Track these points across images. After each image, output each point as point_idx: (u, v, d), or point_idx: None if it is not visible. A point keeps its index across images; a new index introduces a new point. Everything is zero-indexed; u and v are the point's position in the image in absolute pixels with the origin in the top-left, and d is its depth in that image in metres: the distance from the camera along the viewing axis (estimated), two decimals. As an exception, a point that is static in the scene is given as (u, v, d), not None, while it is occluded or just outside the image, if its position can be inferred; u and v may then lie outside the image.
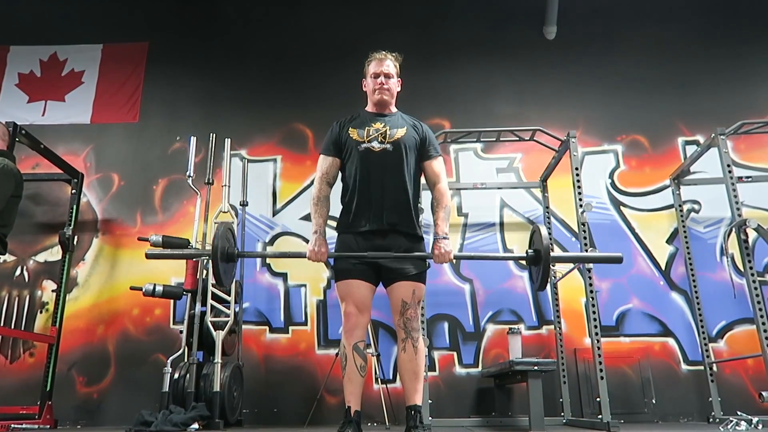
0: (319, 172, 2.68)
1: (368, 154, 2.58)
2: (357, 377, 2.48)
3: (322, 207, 2.62)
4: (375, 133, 2.62)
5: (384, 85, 2.68)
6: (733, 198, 3.88)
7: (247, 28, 5.81)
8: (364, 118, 2.71)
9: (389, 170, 2.58)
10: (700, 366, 4.44)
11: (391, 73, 2.72)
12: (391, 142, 2.59)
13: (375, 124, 2.65)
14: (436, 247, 2.49)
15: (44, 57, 5.78)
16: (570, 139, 4.13)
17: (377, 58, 2.74)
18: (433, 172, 2.66)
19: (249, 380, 4.39)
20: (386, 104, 2.73)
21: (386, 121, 2.68)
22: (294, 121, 5.39)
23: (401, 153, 2.59)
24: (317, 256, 2.52)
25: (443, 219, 2.56)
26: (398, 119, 2.71)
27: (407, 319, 2.51)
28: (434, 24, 5.75)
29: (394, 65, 2.75)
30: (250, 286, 4.82)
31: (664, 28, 5.56)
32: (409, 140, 2.63)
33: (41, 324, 4.82)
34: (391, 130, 2.63)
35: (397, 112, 2.77)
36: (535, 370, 3.63)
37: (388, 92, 2.70)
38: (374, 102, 2.72)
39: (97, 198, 5.21)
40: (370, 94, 2.74)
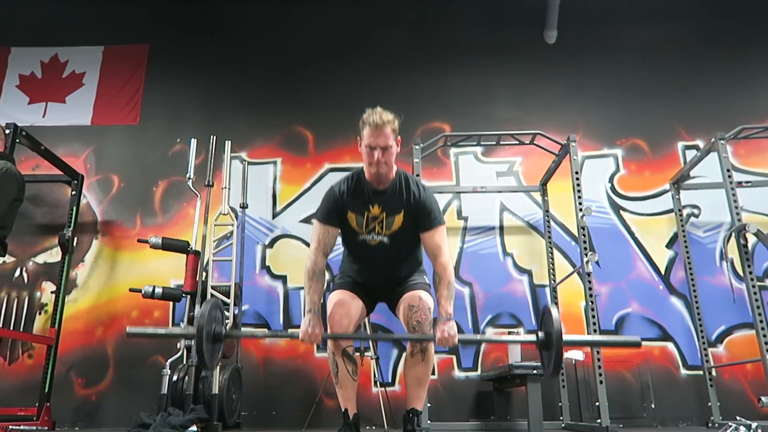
0: (315, 242, 2.49)
1: (365, 245, 2.51)
2: (350, 382, 2.44)
3: (317, 282, 2.44)
4: (373, 222, 2.48)
5: (381, 160, 2.39)
6: (733, 203, 3.89)
7: (247, 31, 5.82)
8: (363, 192, 2.50)
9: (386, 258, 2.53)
10: (700, 371, 4.44)
11: (388, 145, 2.40)
12: (389, 234, 2.48)
13: (373, 209, 2.47)
14: (439, 330, 2.30)
15: (45, 58, 5.79)
16: (570, 143, 4.13)
17: (372, 125, 2.38)
18: (434, 244, 2.46)
19: (248, 383, 4.38)
20: (383, 177, 2.46)
21: (384, 202, 2.48)
22: (294, 124, 5.40)
23: (397, 243, 2.50)
24: (311, 338, 2.33)
25: (446, 298, 2.36)
26: (396, 196, 2.48)
27: (417, 322, 2.40)
28: (435, 27, 5.76)
29: (392, 131, 2.41)
30: (250, 288, 4.82)
31: (664, 33, 5.57)
32: (407, 226, 2.49)
33: (40, 325, 4.82)
34: (389, 218, 2.47)
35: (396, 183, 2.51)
36: (534, 374, 3.62)
37: (385, 166, 2.42)
38: (371, 174, 2.46)
39: (97, 199, 5.21)
40: (366, 165, 2.46)
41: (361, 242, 2.52)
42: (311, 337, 2.34)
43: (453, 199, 5.10)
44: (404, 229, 2.49)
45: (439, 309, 2.37)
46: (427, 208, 2.48)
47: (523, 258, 4.91)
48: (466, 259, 4.90)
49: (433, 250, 2.47)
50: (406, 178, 2.52)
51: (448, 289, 2.38)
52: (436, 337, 2.32)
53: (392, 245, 2.50)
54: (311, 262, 2.46)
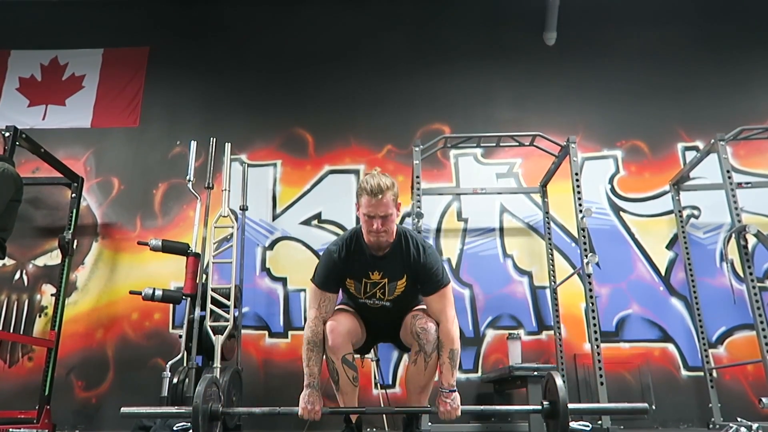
0: (314, 309, 2.38)
1: (366, 306, 2.47)
2: (351, 389, 2.39)
3: (317, 355, 2.33)
4: (373, 288, 2.41)
5: (380, 229, 2.28)
6: (733, 204, 3.89)
7: (247, 33, 5.83)
8: (362, 260, 2.40)
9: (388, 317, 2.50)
10: (700, 372, 4.43)
11: (388, 213, 2.28)
12: (391, 299, 2.42)
13: (373, 275, 2.39)
14: (441, 403, 2.25)
15: (45, 61, 5.79)
16: (570, 144, 4.13)
17: (370, 194, 2.26)
18: (437, 308, 2.36)
19: (248, 385, 4.37)
20: (383, 245, 2.36)
21: (385, 268, 2.39)
22: (294, 126, 5.40)
23: (399, 305, 2.46)
24: (310, 414, 2.26)
25: (449, 368, 2.28)
26: (397, 261, 2.39)
27: (421, 328, 2.31)
28: (434, 29, 5.76)
29: (392, 198, 2.29)
30: (250, 290, 4.81)
31: (664, 34, 5.57)
32: (408, 290, 2.43)
33: (40, 328, 4.81)
34: (390, 284, 2.40)
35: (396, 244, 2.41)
36: (535, 375, 3.62)
37: (385, 234, 2.31)
38: (370, 242, 2.36)
39: (97, 202, 5.21)
40: (365, 233, 2.35)
41: (361, 304, 2.48)
42: (311, 413, 2.26)
43: (453, 201, 5.10)
44: (407, 292, 2.43)
45: (441, 379, 2.30)
46: (429, 271, 2.36)
47: (523, 259, 4.91)
48: (466, 261, 4.90)
49: (436, 315, 2.36)
50: (407, 240, 2.41)
51: (451, 358, 2.29)
52: (438, 411, 2.26)
53: (395, 307, 2.45)
54: (311, 332, 2.33)
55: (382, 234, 2.30)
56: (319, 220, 5.08)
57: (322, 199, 5.16)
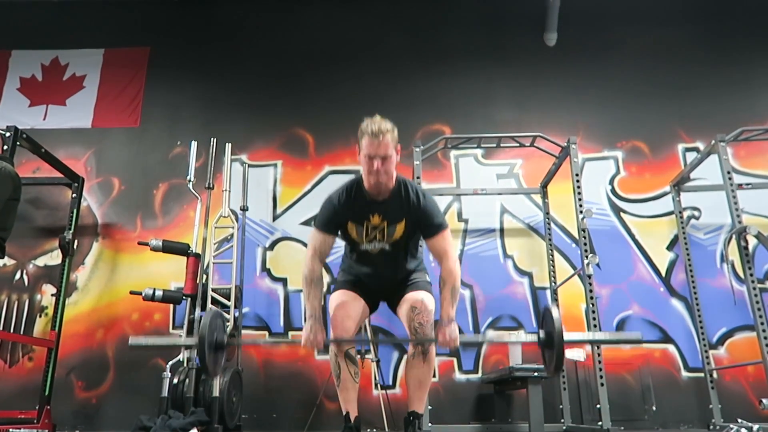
0: (311, 249, 2.48)
1: (366, 253, 2.52)
2: (352, 384, 2.44)
3: (316, 289, 2.43)
4: (373, 231, 2.47)
5: (380, 169, 2.35)
6: (733, 205, 3.89)
7: (247, 34, 5.83)
8: (362, 203, 2.47)
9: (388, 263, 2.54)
10: (701, 373, 4.43)
11: (388, 154, 2.36)
12: (391, 243, 2.48)
13: (373, 218, 2.46)
14: (440, 333, 2.32)
15: (46, 61, 5.80)
16: (570, 145, 4.14)
17: (371, 135, 2.36)
18: (439, 249, 2.45)
19: (248, 385, 4.37)
20: (383, 186, 2.42)
21: (385, 211, 2.46)
22: (294, 126, 5.40)
23: (399, 249, 2.51)
24: (313, 344, 2.34)
25: (449, 301, 2.38)
26: (397, 205, 2.46)
27: (419, 324, 2.39)
28: (435, 30, 5.77)
29: (391, 139, 2.39)
30: (250, 291, 4.81)
31: (664, 35, 5.58)
32: (409, 232, 2.49)
33: (40, 328, 4.81)
34: (390, 227, 2.46)
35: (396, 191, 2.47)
36: (535, 376, 3.63)
37: (385, 175, 2.38)
38: (370, 184, 2.42)
39: (98, 202, 5.21)
40: (365, 175, 2.43)
41: (362, 251, 2.53)
42: (313, 343, 2.34)
43: (453, 202, 5.10)
44: (406, 236, 2.49)
45: (441, 312, 2.38)
46: (429, 215, 2.45)
47: (524, 260, 4.91)
48: (467, 262, 4.90)
49: (438, 255, 2.46)
50: (406, 186, 2.48)
51: (452, 293, 2.39)
52: (438, 340, 2.33)
53: (394, 251, 2.51)
54: (308, 270, 2.45)
55: (383, 175, 2.37)
56: (319, 221, 5.07)
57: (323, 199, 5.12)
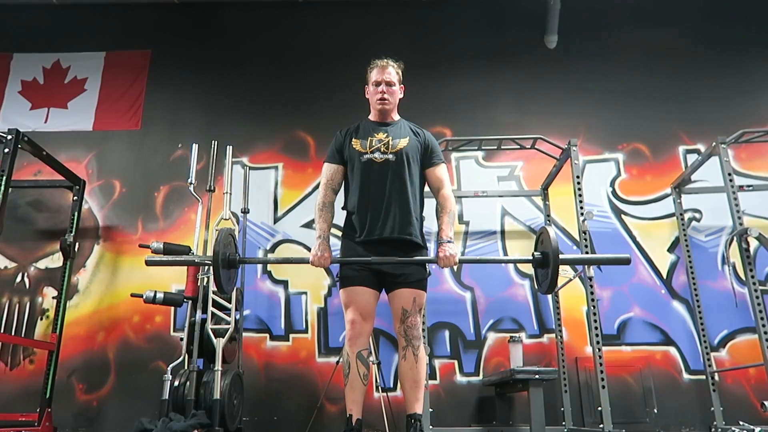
0: (324, 178, 2.72)
1: (371, 165, 2.62)
2: (359, 385, 2.49)
3: (326, 212, 2.65)
4: (378, 143, 2.65)
5: (385, 94, 2.71)
6: (735, 207, 3.89)
7: (248, 37, 5.84)
8: (367, 127, 2.74)
9: (391, 180, 2.60)
10: (702, 375, 4.43)
11: (392, 81, 2.74)
12: (394, 152, 2.63)
13: (378, 134, 2.69)
14: (440, 250, 2.50)
15: (47, 64, 5.81)
16: (571, 147, 4.14)
17: (379, 66, 2.76)
18: (437, 178, 2.70)
19: (249, 388, 4.37)
20: (388, 113, 2.76)
21: (389, 130, 2.71)
22: (295, 129, 5.40)
23: (403, 163, 2.62)
24: (320, 261, 2.51)
25: (447, 223, 2.58)
26: (401, 128, 2.74)
27: (408, 326, 2.53)
28: (435, 32, 5.78)
29: (396, 72, 2.77)
30: (251, 293, 4.82)
31: (665, 37, 5.58)
32: (412, 150, 2.67)
33: (41, 331, 4.81)
34: (394, 140, 2.66)
35: (399, 120, 2.80)
36: (537, 378, 3.63)
37: (390, 100, 2.73)
38: (376, 110, 2.76)
39: (99, 205, 5.22)
40: (373, 103, 2.76)
41: (366, 162, 2.63)
42: (321, 260, 2.51)
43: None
44: (409, 152, 2.66)
45: (440, 233, 2.58)
46: (431, 145, 2.74)
47: (525, 262, 4.90)
48: (468, 264, 4.90)
49: (436, 184, 2.70)
50: (408, 121, 2.80)
51: (448, 216, 2.61)
52: (438, 257, 2.49)
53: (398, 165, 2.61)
54: (321, 196, 2.67)
55: (387, 101, 2.72)
56: (320, 223, 5.08)
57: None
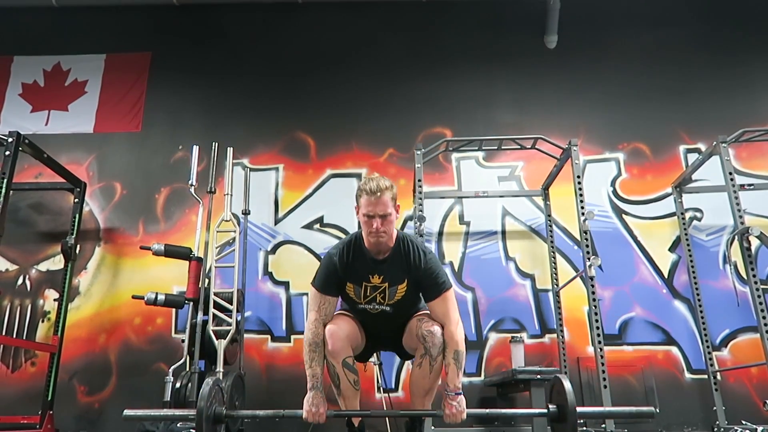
0: (314, 312, 2.39)
1: (366, 312, 2.46)
2: (352, 392, 2.40)
3: (319, 356, 2.33)
4: (373, 292, 2.41)
5: (380, 229, 2.30)
6: (736, 206, 3.88)
7: (248, 39, 5.85)
8: (362, 264, 2.41)
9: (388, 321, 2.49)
10: (704, 375, 4.42)
11: (387, 213, 2.30)
12: (391, 304, 2.41)
13: (373, 279, 2.40)
14: (447, 406, 2.24)
15: (48, 67, 5.81)
16: (571, 147, 4.13)
17: (369, 194, 2.30)
18: (440, 312, 2.37)
19: (251, 389, 4.36)
20: (383, 245, 2.38)
21: (386, 272, 2.40)
22: (296, 130, 5.41)
23: (401, 309, 2.46)
24: (315, 417, 2.26)
25: (454, 370, 2.27)
26: (398, 265, 2.40)
27: (428, 331, 2.32)
28: (435, 32, 5.77)
29: (390, 197, 2.33)
30: (252, 294, 4.81)
31: (665, 37, 5.58)
32: (409, 297, 2.44)
33: (43, 333, 4.81)
34: (391, 288, 2.39)
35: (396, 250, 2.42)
36: (538, 378, 3.62)
37: (384, 234, 2.33)
38: (370, 243, 2.38)
39: (100, 207, 5.22)
40: (365, 234, 2.38)
41: (361, 310, 2.47)
42: (315, 416, 2.26)
43: (455, 204, 5.10)
44: (407, 297, 2.43)
45: (446, 382, 2.29)
46: (431, 275, 2.37)
47: (526, 262, 4.90)
48: (468, 264, 4.90)
49: (440, 319, 2.37)
50: (406, 244, 2.41)
51: (456, 360, 2.28)
52: (444, 414, 2.25)
53: (395, 312, 2.45)
54: (312, 334, 2.34)
55: (382, 234, 2.31)
56: (321, 224, 5.08)
57: (324, 203, 5.16)
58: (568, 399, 2.12)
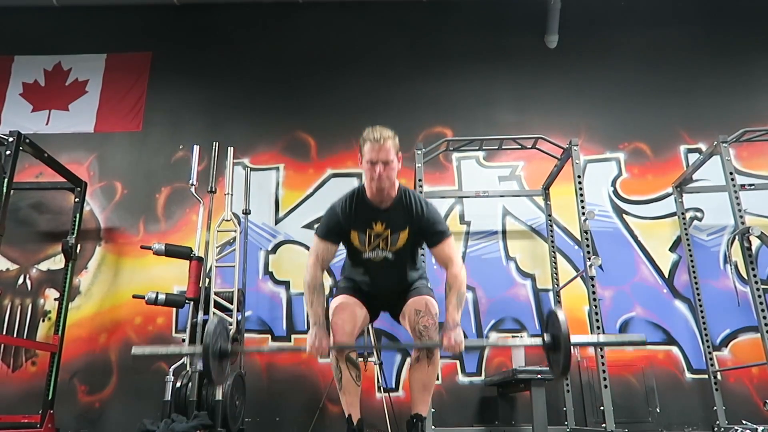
0: (313, 256, 2.49)
1: (370, 261, 2.52)
2: (354, 388, 2.44)
3: (318, 296, 2.44)
4: (376, 239, 2.48)
5: (382, 175, 2.37)
6: (736, 206, 3.88)
7: (248, 38, 5.85)
8: (365, 212, 2.48)
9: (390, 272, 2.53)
10: (705, 375, 4.42)
11: (389, 159, 2.37)
12: (393, 251, 2.48)
13: (376, 226, 2.47)
14: (446, 337, 2.30)
15: (48, 67, 5.81)
16: (572, 147, 4.14)
17: (373, 141, 2.37)
18: (444, 256, 2.47)
19: (251, 389, 4.37)
20: (385, 193, 2.44)
21: (388, 219, 2.47)
22: (296, 130, 5.41)
23: (402, 258, 2.52)
24: (318, 351, 2.31)
25: (455, 306, 2.37)
26: (399, 213, 2.47)
27: (424, 327, 2.39)
28: (436, 32, 5.77)
29: (393, 145, 2.40)
30: (253, 294, 4.81)
31: (666, 36, 5.58)
32: (412, 242, 2.50)
33: (43, 332, 4.82)
34: (393, 235, 2.47)
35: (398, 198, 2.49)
36: (539, 378, 3.62)
37: (387, 181, 2.39)
38: (373, 191, 2.44)
39: (101, 206, 5.22)
40: (367, 182, 2.44)
41: (365, 260, 2.52)
42: (318, 350, 2.31)
43: (455, 204, 5.10)
44: (409, 245, 2.50)
45: (447, 316, 2.37)
46: (432, 223, 2.47)
47: (526, 262, 4.90)
48: (469, 264, 4.88)
49: (444, 262, 2.48)
50: (408, 195, 2.50)
51: (457, 297, 2.39)
52: (442, 344, 2.31)
53: (397, 260, 2.51)
54: (310, 277, 2.45)
55: (385, 181, 2.38)
56: (321, 224, 5.08)
57: (325, 202, 5.01)
58: (562, 329, 2.20)
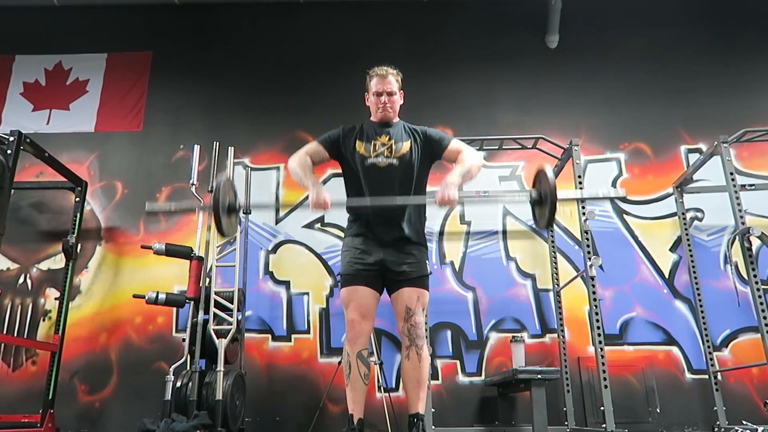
0: (306, 148, 2.73)
1: (374, 169, 2.62)
2: (361, 385, 2.49)
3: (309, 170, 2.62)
4: (381, 147, 2.66)
5: (387, 104, 2.73)
6: (737, 206, 3.88)
7: (249, 38, 5.85)
8: (370, 129, 2.75)
9: (395, 184, 2.61)
10: (705, 375, 4.42)
11: (393, 90, 2.75)
12: (397, 156, 2.64)
13: (381, 137, 2.69)
14: (439, 192, 2.44)
15: (49, 66, 5.82)
16: (572, 147, 4.14)
17: (378, 75, 2.76)
18: (454, 150, 2.68)
19: (251, 389, 4.37)
20: (390, 118, 2.78)
21: (391, 132, 2.72)
22: (297, 130, 5.40)
23: (406, 167, 2.63)
24: (319, 203, 2.44)
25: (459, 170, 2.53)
26: (401, 131, 2.75)
27: (411, 326, 2.52)
28: (436, 32, 5.78)
29: (396, 80, 2.78)
30: (253, 294, 4.81)
31: (667, 36, 5.57)
32: (414, 152, 2.67)
33: (44, 332, 4.82)
34: (397, 144, 2.67)
35: (399, 122, 2.81)
36: (539, 378, 3.62)
37: (391, 109, 2.75)
38: (378, 118, 2.78)
39: (101, 206, 5.22)
40: (374, 111, 2.78)
41: (370, 167, 2.63)
42: (322, 204, 2.45)
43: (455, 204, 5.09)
44: (412, 156, 2.65)
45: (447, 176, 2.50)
46: (435, 136, 2.74)
47: (527, 262, 4.90)
48: (469, 264, 4.90)
49: (456, 155, 2.66)
50: (408, 124, 2.80)
51: (462, 165, 2.56)
52: (436, 199, 2.44)
53: (401, 169, 2.61)
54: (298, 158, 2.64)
55: (389, 110, 2.73)
56: (322, 224, 5.08)
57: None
58: (550, 184, 2.36)
